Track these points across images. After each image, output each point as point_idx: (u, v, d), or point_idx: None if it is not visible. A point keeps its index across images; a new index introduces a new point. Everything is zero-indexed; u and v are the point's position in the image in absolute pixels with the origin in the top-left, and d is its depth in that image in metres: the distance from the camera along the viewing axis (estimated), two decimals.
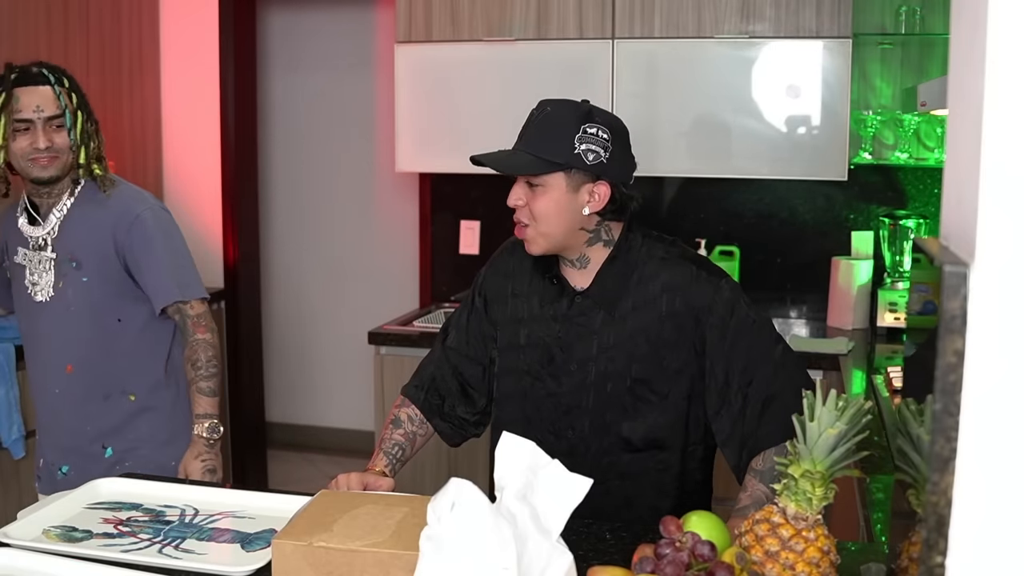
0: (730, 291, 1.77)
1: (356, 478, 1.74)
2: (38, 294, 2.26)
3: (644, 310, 1.77)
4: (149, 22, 3.83)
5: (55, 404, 2.30)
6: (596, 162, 1.70)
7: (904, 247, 3.38)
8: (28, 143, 2.16)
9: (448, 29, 3.54)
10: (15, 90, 2.15)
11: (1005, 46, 0.73)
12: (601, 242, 1.79)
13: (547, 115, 1.75)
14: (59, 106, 2.19)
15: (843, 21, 3.20)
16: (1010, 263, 0.73)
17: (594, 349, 1.79)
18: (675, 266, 1.78)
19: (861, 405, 1.26)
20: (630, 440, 1.79)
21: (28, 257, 2.27)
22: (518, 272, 1.89)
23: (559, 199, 1.72)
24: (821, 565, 1.26)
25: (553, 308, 1.82)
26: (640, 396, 1.78)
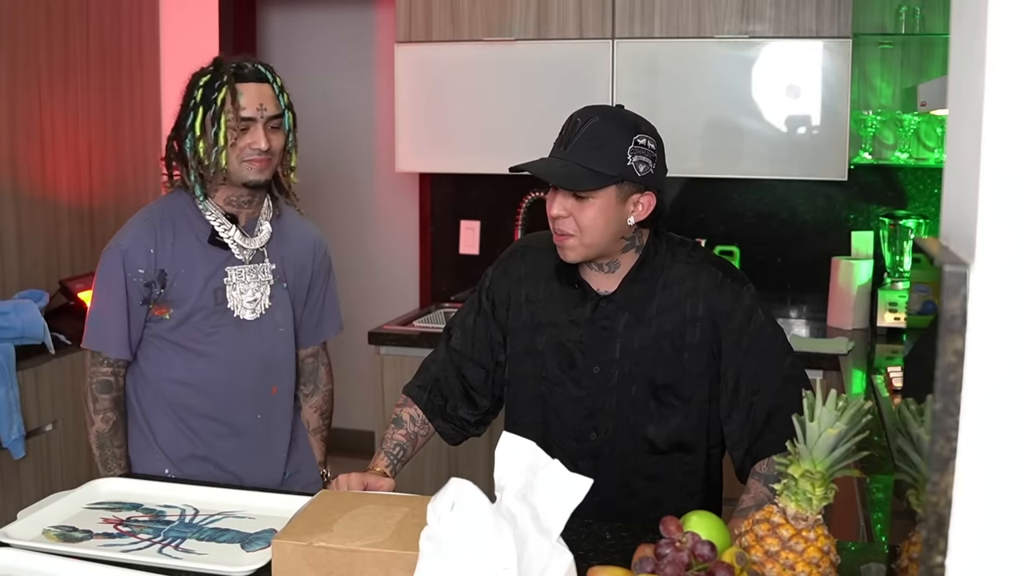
0: (750, 299, 1.78)
1: (356, 478, 1.74)
2: (244, 311, 2.07)
3: (669, 314, 1.77)
4: (149, 22, 3.83)
5: (253, 429, 2.13)
6: (646, 173, 1.70)
7: (904, 247, 3.38)
8: (247, 143, 1.98)
9: (448, 29, 3.55)
10: (236, 85, 1.98)
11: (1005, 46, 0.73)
12: (634, 248, 1.79)
13: (596, 125, 1.71)
14: (279, 106, 2.03)
15: (843, 21, 3.21)
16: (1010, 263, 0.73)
17: (617, 352, 1.79)
18: (701, 271, 1.79)
19: (861, 405, 1.26)
20: (655, 443, 1.79)
21: (239, 274, 2.07)
22: (530, 278, 1.88)
23: (607, 210, 1.70)
24: (821, 565, 1.26)
25: (575, 312, 1.81)
26: (664, 401, 1.78)
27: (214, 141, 1.97)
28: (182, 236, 2.04)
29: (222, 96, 1.96)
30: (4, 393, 2.75)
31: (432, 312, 3.87)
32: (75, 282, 3.28)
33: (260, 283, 2.09)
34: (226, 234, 2.05)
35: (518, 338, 1.87)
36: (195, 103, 1.99)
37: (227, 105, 1.95)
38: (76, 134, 3.41)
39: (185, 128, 2.00)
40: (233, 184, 2.02)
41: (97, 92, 3.50)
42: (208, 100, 1.97)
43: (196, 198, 2.04)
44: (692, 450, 1.80)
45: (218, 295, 2.05)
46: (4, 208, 3.09)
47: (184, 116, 2.01)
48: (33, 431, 2.91)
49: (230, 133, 1.96)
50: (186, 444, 2.08)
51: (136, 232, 2.04)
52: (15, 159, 3.13)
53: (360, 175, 4.76)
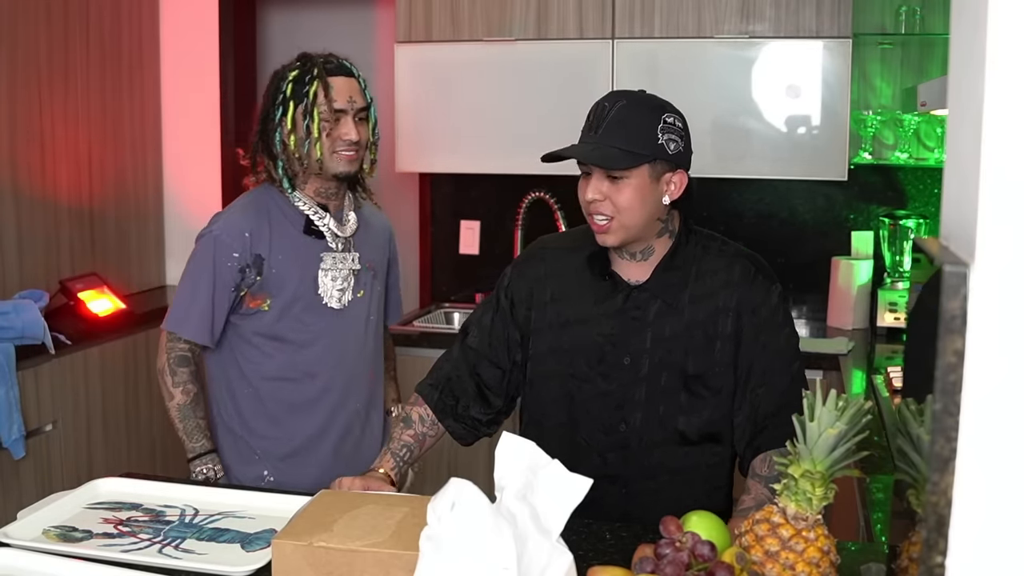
0: (777, 297, 1.81)
1: (359, 483, 1.74)
2: (332, 300, 2.11)
3: (702, 303, 1.78)
4: (149, 22, 3.83)
5: (355, 419, 2.18)
6: (676, 152, 1.74)
7: (904, 247, 3.38)
8: (338, 134, 2.02)
9: (448, 29, 3.54)
10: (328, 79, 2.02)
11: (1005, 46, 0.73)
12: (668, 233, 1.81)
13: (624, 108, 1.73)
14: (366, 98, 2.09)
15: (843, 21, 3.20)
16: (1010, 263, 0.73)
17: (648, 341, 1.78)
18: (735, 263, 1.81)
19: (861, 405, 1.26)
20: (685, 434, 1.79)
21: (333, 260, 2.11)
22: (553, 276, 1.87)
23: (643, 190, 1.72)
24: (821, 565, 1.26)
25: (606, 305, 1.81)
26: (694, 392, 1.78)
27: (307, 133, 2.01)
28: (278, 224, 2.08)
29: (314, 89, 2.00)
30: (4, 393, 2.75)
31: (432, 312, 3.87)
32: (75, 282, 3.28)
33: (349, 271, 2.13)
34: (321, 222, 2.10)
35: (541, 338, 1.86)
36: (284, 98, 2.02)
37: (319, 98, 2.00)
38: (76, 134, 3.41)
39: (274, 123, 2.03)
40: (323, 177, 2.06)
41: (97, 92, 3.50)
42: (300, 94, 2.01)
43: (285, 191, 2.08)
44: (721, 440, 1.81)
45: (315, 284, 2.08)
46: (4, 208, 3.09)
47: (273, 111, 2.04)
48: (33, 431, 2.91)
49: (323, 125, 2.01)
50: (286, 442, 2.11)
51: (231, 218, 2.08)
52: (15, 159, 3.13)
53: None
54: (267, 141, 2.06)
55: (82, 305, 3.23)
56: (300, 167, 2.05)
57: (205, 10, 3.95)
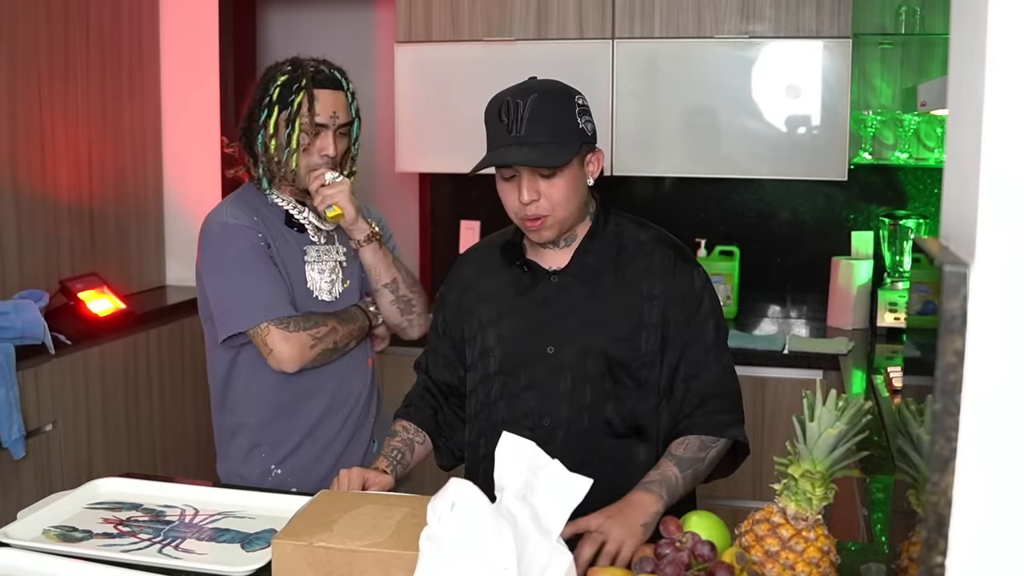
0: (701, 283, 1.77)
1: (357, 472, 1.74)
2: (323, 293, 2.10)
3: (626, 289, 1.75)
4: (149, 22, 3.83)
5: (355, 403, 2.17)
6: (592, 131, 1.72)
7: (904, 247, 3.39)
8: (316, 148, 2.02)
9: (448, 29, 3.55)
10: (315, 91, 2.00)
11: (1005, 46, 0.73)
12: (588, 215, 1.79)
13: (538, 100, 1.69)
14: (350, 114, 2.07)
15: (843, 21, 3.21)
16: (1010, 263, 0.73)
17: (572, 327, 1.75)
18: (656, 250, 1.77)
19: (861, 405, 1.26)
20: (612, 423, 1.75)
21: (317, 253, 2.11)
22: (480, 275, 1.86)
23: (574, 179, 1.70)
24: (821, 565, 1.26)
25: (528, 296, 1.79)
26: (619, 380, 1.74)
27: (287, 142, 2.00)
28: (267, 217, 2.07)
29: (299, 100, 1.97)
30: (4, 393, 2.75)
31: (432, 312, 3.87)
32: (75, 282, 3.28)
33: (335, 263, 2.12)
34: (300, 215, 2.10)
35: (473, 345, 1.85)
36: (271, 101, 2.00)
37: (303, 109, 1.97)
38: (76, 134, 3.40)
39: (258, 123, 2.02)
40: (296, 187, 2.07)
41: (97, 92, 3.50)
42: (285, 101, 1.99)
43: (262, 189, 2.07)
44: (647, 437, 1.76)
45: (303, 278, 2.08)
46: (4, 208, 3.09)
47: (258, 112, 2.02)
48: (33, 431, 2.91)
49: (303, 137, 1.99)
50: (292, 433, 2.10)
51: (231, 209, 2.06)
52: (15, 159, 3.12)
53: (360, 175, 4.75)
54: (250, 139, 2.06)
55: (82, 305, 3.22)
56: (277, 171, 2.04)
57: (205, 10, 3.95)
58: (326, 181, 2.02)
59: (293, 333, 1.98)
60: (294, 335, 1.98)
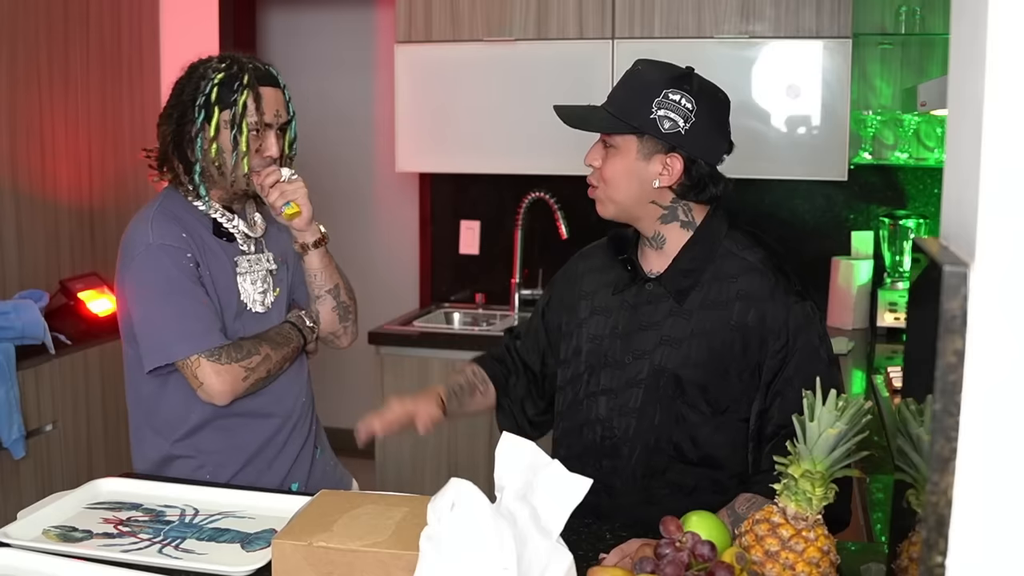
0: (805, 318, 1.60)
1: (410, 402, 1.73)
2: (255, 304, 1.98)
3: (713, 310, 1.63)
4: (149, 22, 3.83)
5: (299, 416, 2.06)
6: (672, 131, 1.59)
7: (904, 247, 3.39)
8: (260, 150, 1.90)
9: (448, 29, 3.55)
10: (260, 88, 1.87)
11: (1005, 46, 0.73)
12: (678, 222, 1.67)
13: (636, 73, 1.63)
14: (289, 111, 1.95)
15: (843, 21, 3.21)
16: (1010, 263, 0.73)
17: (652, 341, 1.66)
18: (755, 273, 1.63)
19: (861, 405, 1.26)
20: (680, 448, 1.64)
21: (248, 263, 1.98)
22: (590, 271, 1.81)
23: (629, 164, 1.62)
24: (821, 565, 1.26)
25: (622, 297, 1.71)
26: (692, 404, 1.63)
27: (233, 146, 1.87)
28: (195, 229, 1.93)
29: (244, 98, 1.85)
30: (4, 393, 2.75)
31: (432, 312, 3.87)
32: (75, 282, 3.28)
33: (265, 272, 2.01)
34: (230, 224, 1.97)
35: (569, 340, 1.79)
36: (208, 102, 1.86)
37: (249, 109, 1.86)
38: (76, 134, 3.41)
39: (195, 127, 1.88)
40: (239, 188, 1.93)
41: (97, 92, 3.50)
42: (226, 101, 1.86)
43: (190, 198, 1.93)
44: (722, 467, 1.65)
45: (237, 290, 1.97)
46: (4, 208, 3.09)
47: (191, 112, 1.88)
48: (33, 431, 2.91)
49: (253, 140, 1.88)
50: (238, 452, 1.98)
51: (158, 225, 1.89)
52: (15, 159, 3.13)
53: (360, 175, 4.76)
54: (181, 144, 1.90)
55: (82, 305, 3.22)
56: (218, 175, 1.90)
57: (205, 10, 3.96)
58: (283, 177, 1.91)
59: (225, 366, 1.85)
60: (226, 368, 1.85)
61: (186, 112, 1.89)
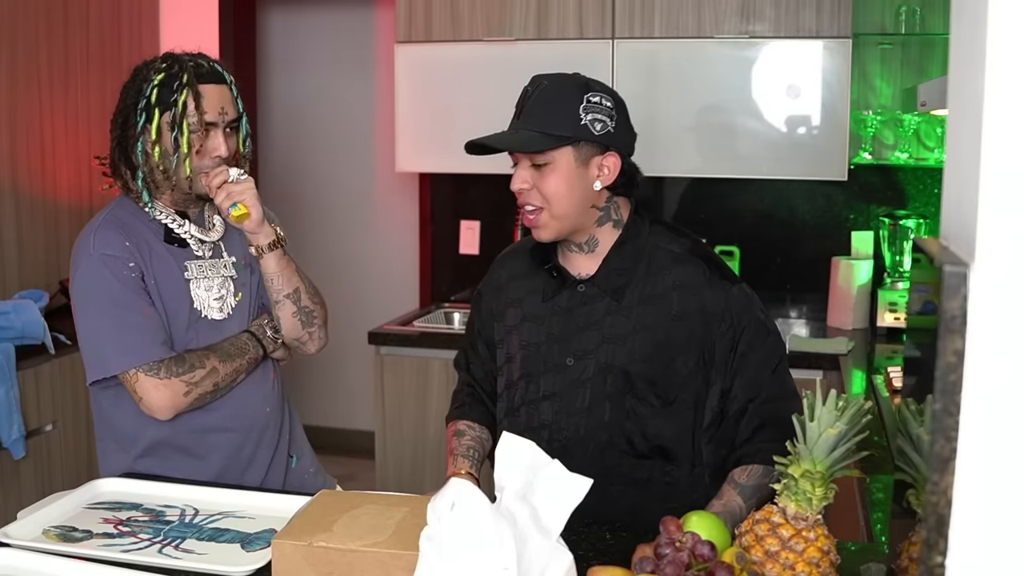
0: (745, 298, 1.69)
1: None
2: (212, 311, 1.92)
3: (652, 305, 1.67)
4: (149, 22, 3.83)
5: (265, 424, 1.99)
6: (604, 132, 1.63)
7: (904, 247, 3.39)
8: (207, 149, 1.84)
9: (448, 29, 3.55)
10: (199, 87, 1.82)
11: (1005, 46, 0.73)
12: (611, 222, 1.70)
13: (545, 88, 1.66)
14: (237, 109, 1.88)
15: (843, 21, 3.21)
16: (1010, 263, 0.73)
17: (595, 341, 1.69)
18: (687, 263, 1.69)
19: (861, 405, 1.26)
20: (632, 441, 1.69)
21: (201, 268, 1.92)
22: (513, 279, 1.83)
23: (569, 175, 1.63)
24: (821, 565, 1.26)
25: (553, 302, 1.74)
26: (641, 397, 1.67)
27: (175, 147, 1.81)
28: (143, 237, 1.88)
29: (184, 98, 1.79)
30: (4, 393, 2.75)
31: (432, 312, 3.87)
32: None
33: (223, 279, 1.95)
34: (181, 229, 1.92)
35: (502, 348, 1.82)
36: (148, 104, 1.82)
37: (189, 108, 1.80)
38: (76, 134, 3.41)
39: (136, 130, 1.83)
40: (182, 192, 1.89)
41: (97, 92, 3.50)
42: (166, 102, 1.81)
43: (142, 202, 1.89)
44: (674, 459, 1.69)
45: (189, 297, 1.91)
46: (4, 208, 3.09)
47: (134, 116, 1.84)
48: (33, 431, 2.91)
49: (195, 139, 1.82)
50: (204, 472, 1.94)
51: (101, 235, 1.87)
52: (15, 159, 3.13)
53: (360, 175, 4.76)
54: (126, 149, 1.86)
55: None
56: (163, 179, 1.85)
57: (205, 10, 3.96)
58: (231, 178, 1.84)
59: (164, 380, 1.80)
60: (165, 382, 1.80)
61: (129, 116, 1.85)
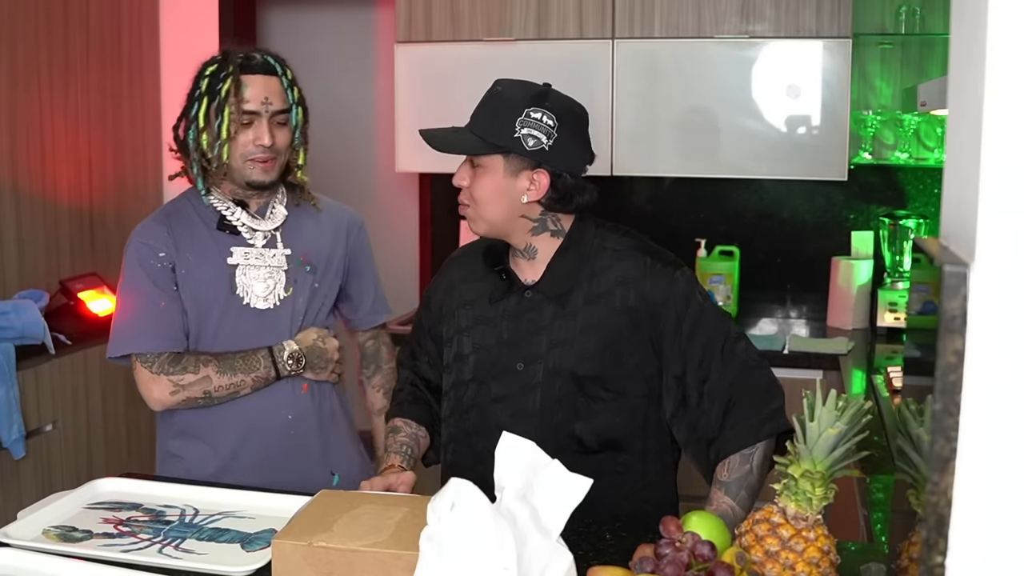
0: (685, 283, 1.69)
1: (379, 482, 1.72)
2: (257, 300, 1.95)
3: (597, 304, 1.69)
4: (149, 22, 3.83)
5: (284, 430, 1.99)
6: (536, 148, 1.63)
7: (904, 247, 3.39)
8: (251, 138, 1.90)
9: (448, 29, 3.55)
10: (241, 77, 1.89)
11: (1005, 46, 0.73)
12: (548, 232, 1.72)
13: (496, 94, 1.70)
14: (286, 100, 1.94)
15: (843, 21, 3.21)
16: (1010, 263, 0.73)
17: (543, 346, 1.71)
18: (627, 258, 1.70)
19: (861, 405, 1.26)
20: (583, 440, 1.71)
21: (248, 256, 1.96)
22: (464, 280, 1.84)
23: (497, 183, 1.67)
24: (821, 565, 1.26)
25: (502, 306, 1.75)
26: (591, 395, 1.69)
27: (217, 134, 1.89)
28: (189, 224, 1.96)
29: (227, 87, 1.87)
30: (4, 393, 2.75)
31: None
32: (75, 282, 3.28)
33: (272, 269, 1.97)
34: (233, 216, 1.97)
35: (450, 347, 1.83)
36: (200, 93, 1.91)
37: (231, 97, 1.87)
38: (76, 134, 3.40)
39: (189, 118, 1.93)
40: (235, 182, 1.95)
41: (97, 92, 3.50)
42: (213, 90, 1.89)
43: (199, 191, 1.96)
44: (625, 448, 1.72)
45: (230, 283, 1.94)
46: (4, 208, 3.09)
47: (189, 106, 1.93)
48: (33, 431, 2.91)
49: (233, 126, 1.88)
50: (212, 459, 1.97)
51: (145, 225, 2.00)
52: (15, 159, 3.12)
53: (360, 175, 4.76)
54: (185, 140, 1.95)
55: (82, 305, 3.22)
56: (212, 168, 1.92)
57: (205, 10, 3.95)
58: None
59: (155, 375, 1.88)
60: (155, 377, 1.88)
61: (186, 107, 1.95)
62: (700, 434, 1.68)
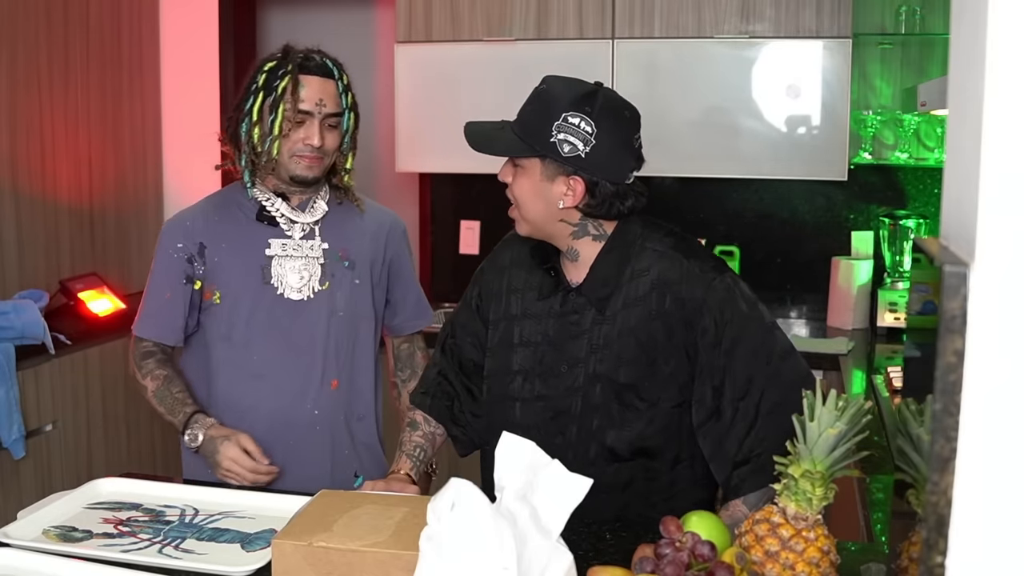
0: (725, 290, 1.63)
1: (382, 486, 1.72)
2: (291, 291, 1.98)
3: (634, 308, 1.65)
4: (149, 22, 3.83)
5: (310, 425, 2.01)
6: (572, 155, 1.59)
7: (904, 247, 3.39)
8: (301, 137, 1.93)
9: (448, 29, 3.55)
10: (299, 76, 1.92)
11: (1005, 46, 0.73)
12: (589, 236, 1.68)
13: (542, 92, 1.66)
14: (340, 104, 1.98)
15: (843, 21, 3.21)
16: (1010, 263, 0.73)
17: (584, 350, 1.68)
18: (666, 259, 1.65)
19: (861, 405, 1.26)
20: (615, 450, 1.68)
21: (285, 248, 1.99)
22: (515, 265, 1.81)
23: (535, 185, 1.64)
24: (821, 565, 1.26)
25: (548, 303, 1.73)
26: (627, 403, 1.66)
27: (269, 129, 1.92)
28: (228, 213, 2.01)
29: (283, 85, 1.90)
30: (4, 393, 2.75)
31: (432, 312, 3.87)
32: (75, 282, 3.28)
33: (308, 260, 2.00)
34: (272, 207, 2.00)
35: (496, 330, 1.79)
36: (256, 88, 1.94)
37: (287, 95, 1.90)
38: (76, 134, 3.40)
39: (244, 111, 1.95)
40: (280, 177, 1.98)
41: (97, 92, 3.50)
42: (269, 87, 1.93)
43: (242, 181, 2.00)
44: (655, 455, 1.68)
45: (264, 273, 1.98)
46: (4, 208, 3.09)
47: (244, 99, 1.96)
48: (33, 431, 2.91)
49: (285, 124, 1.91)
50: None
51: (178, 214, 2.08)
52: (15, 159, 3.12)
53: (360, 175, 4.74)
54: (235, 128, 1.97)
55: (82, 305, 3.22)
56: (261, 162, 1.96)
57: (205, 10, 3.95)
58: None
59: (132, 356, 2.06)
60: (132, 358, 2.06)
61: (241, 100, 1.98)
62: (727, 451, 1.63)
